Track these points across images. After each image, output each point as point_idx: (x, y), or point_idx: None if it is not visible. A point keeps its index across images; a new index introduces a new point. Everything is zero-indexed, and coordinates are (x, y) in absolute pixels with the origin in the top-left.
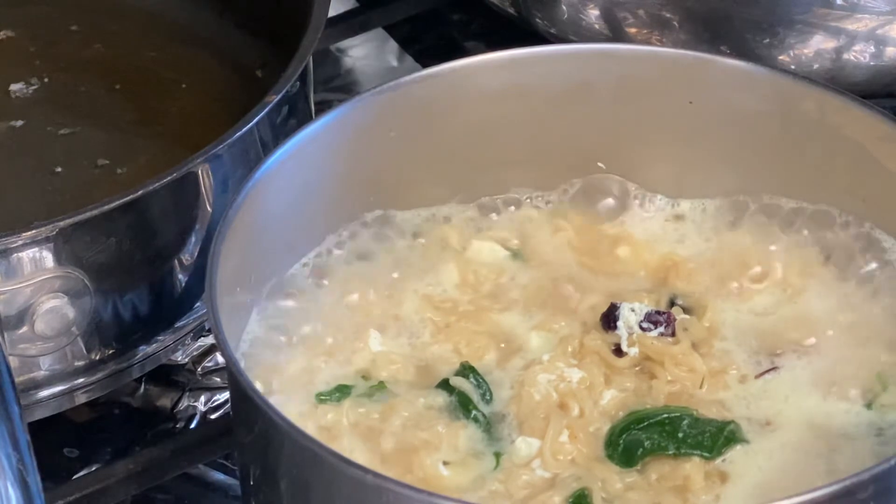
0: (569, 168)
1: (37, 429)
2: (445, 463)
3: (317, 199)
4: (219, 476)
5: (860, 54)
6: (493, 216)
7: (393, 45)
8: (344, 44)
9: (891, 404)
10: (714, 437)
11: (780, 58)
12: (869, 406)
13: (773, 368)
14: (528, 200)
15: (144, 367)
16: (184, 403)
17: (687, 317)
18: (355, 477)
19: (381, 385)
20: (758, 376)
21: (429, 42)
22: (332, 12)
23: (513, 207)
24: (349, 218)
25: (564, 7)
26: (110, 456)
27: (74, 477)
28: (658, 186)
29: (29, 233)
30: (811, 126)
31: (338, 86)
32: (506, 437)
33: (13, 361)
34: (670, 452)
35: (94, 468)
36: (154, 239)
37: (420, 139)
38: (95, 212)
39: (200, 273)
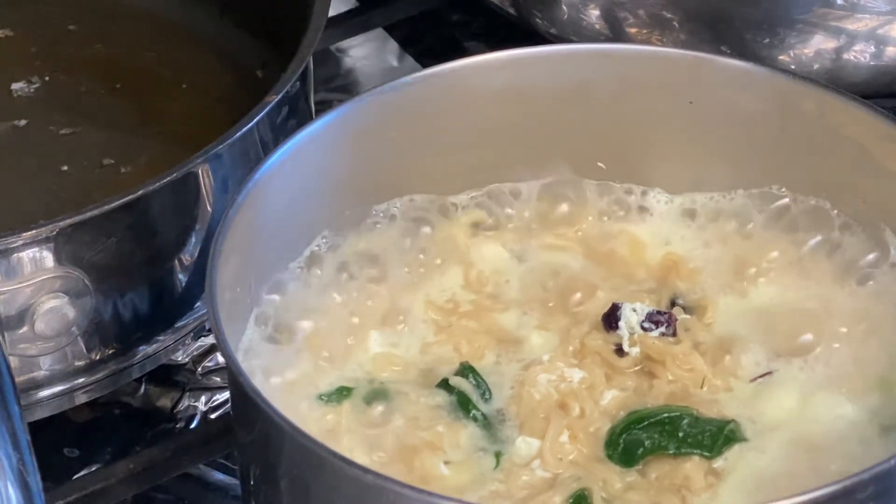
0: (569, 168)
1: (37, 429)
2: (446, 463)
3: (317, 199)
4: (219, 476)
5: (860, 54)
6: (494, 216)
7: (393, 45)
8: (344, 44)
9: (890, 403)
10: (714, 437)
11: (780, 58)
12: (870, 405)
13: (768, 373)
14: (529, 200)
15: (144, 367)
16: (184, 403)
17: (688, 317)
18: (355, 477)
19: (382, 385)
20: (752, 380)
21: (429, 42)
22: (332, 12)
23: (513, 207)
24: (349, 218)
25: (564, 7)
26: (110, 456)
27: (74, 477)
28: (658, 186)
29: (29, 233)
30: (811, 126)
31: (338, 86)
32: (506, 436)
33: (13, 361)
34: (670, 452)
35: (94, 468)
36: (154, 239)
37: (420, 139)
38: (95, 212)
39: (200, 273)
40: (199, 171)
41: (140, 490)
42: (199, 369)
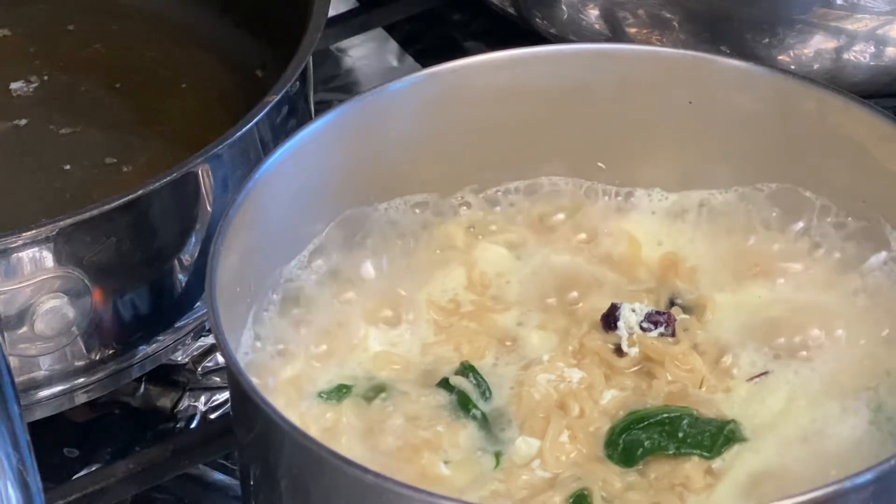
0: (569, 168)
1: (37, 429)
2: (445, 462)
3: (317, 199)
4: (219, 476)
5: (860, 54)
6: (494, 216)
7: (393, 45)
8: (344, 44)
9: (890, 403)
10: (714, 437)
11: (780, 58)
12: (869, 405)
13: (764, 373)
14: (529, 200)
15: (144, 367)
16: (184, 403)
17: (686, 317)
18: (355, 477)
19: (382, 384)
20: (749, 380)
21: (429, 42)
22: (332, 12)
23: (513, 207)
24: (349, 218)
25: (564, 7)
26: (110, 456)
27: (74, 477)
28: (658, 186)
29: (29, 233)
30: (811, 126)
31: (338, 86)
32: (506, 436)
33: (13, 361)
34: (670, 452)
35: (94, 468)
36: (154, 239)
37: (420, 139)
38: (95, 212)
39: (200, 273)
40: (199, 171)
41: (140, 490)
42: (199, 369)
